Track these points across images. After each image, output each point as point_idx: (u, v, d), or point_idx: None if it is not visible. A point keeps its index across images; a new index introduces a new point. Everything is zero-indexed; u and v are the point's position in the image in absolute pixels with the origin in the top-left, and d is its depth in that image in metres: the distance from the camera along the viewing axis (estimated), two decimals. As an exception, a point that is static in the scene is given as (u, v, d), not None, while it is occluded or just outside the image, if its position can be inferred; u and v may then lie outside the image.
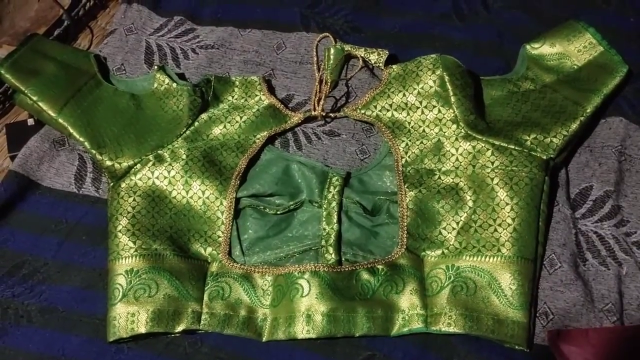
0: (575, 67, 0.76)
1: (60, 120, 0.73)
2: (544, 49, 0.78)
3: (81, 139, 0.72)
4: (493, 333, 0.59)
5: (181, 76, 0.83)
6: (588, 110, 0.70)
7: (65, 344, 0.64)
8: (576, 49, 0.77)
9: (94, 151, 0.71)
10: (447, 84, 0.71)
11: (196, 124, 0.75)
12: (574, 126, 0.68)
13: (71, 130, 0.72)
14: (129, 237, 0.66)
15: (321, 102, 0.77)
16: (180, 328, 0.63)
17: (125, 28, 0.89)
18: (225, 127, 0.76)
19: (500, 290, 0.60)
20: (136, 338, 0.63)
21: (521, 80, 0.76)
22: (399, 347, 0.61)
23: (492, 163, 0.66)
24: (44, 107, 0.73)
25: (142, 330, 0.62)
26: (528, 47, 0.78)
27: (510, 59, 0.80)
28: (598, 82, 0.73)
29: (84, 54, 0.84)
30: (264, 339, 0.63)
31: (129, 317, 0.62)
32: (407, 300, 0.62)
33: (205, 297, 0.65)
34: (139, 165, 0.71)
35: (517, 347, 0.60)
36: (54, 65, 0.78)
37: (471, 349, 0.60)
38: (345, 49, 0.81)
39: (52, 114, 0.73)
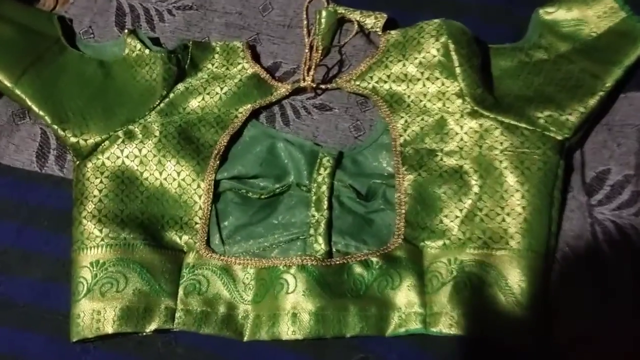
0: (594, 34, 0.68)
1: (18, 92, 0.65)
2: (559, 13, 0.70)
3: (41, 113, 0.64)
4: (500, 335, 0.53)
5: (156, 41, 0.75)
6: (608, 85, 0.63)
7: (26, 342, 0.59)
8: (595, 14, 0.69)
9: (55, 126, 0.64)
10: (452, 53, 0.63)
11: (171, 95, 0.67)
12: (593, 102, 0.61)
13: (30, 103, 0.65)
14: (94, 225, 0.59)
15: (311, 72, 0.70)
16: (151, 327, 0.57)
17: (94, -14, 0.80)
18: (203, 99, 0.68)
19: (508, 288, 0.54)
20: (104, 337, 0.57)
21: (533, 49, 0.68)
22: (394, 348, 0.56)
23: (501, 144, 0.59)
24: (-1, 76, 0.65)
25: (109, 330, 0.56)
26: (541, 11, 0.70)
27: (521, 26, 0.72)
28: (619, 52, 0.65)
29: (46, 15, 0.75)
30: (245, 339, 0.57)
31: (94, 315, 0.56)
32: (404, 297, 0.56)
33: (180, 292, 0.58)
34: (107, 143, 0.64)
35: (527, 350, 0.54)
36: (10, 28, 0.69)
37: (475, 352, 0.55)
38: (339, 11, 0.72)
39: (8, 84, 0.65)
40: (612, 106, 0.66)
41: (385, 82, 0.67)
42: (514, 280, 0.54)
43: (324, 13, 0.72)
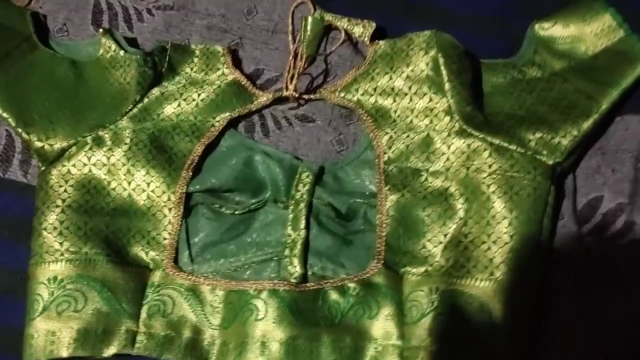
0: (590, 53, 0.65)
1: (-20, 91, 0.61)
2: (555, 29, 0.67)
3: (4, 115, 0.61)
4: (480, 372, 0.50)
5: (133, 42, 0.71)
6: (603, 107, 0.60)
7: (-24, 362, 0.55)
8: (592, 32, 0.66)
9: (20, 129, 0.60)
10: (442, 67, 0.60)
11: (145, 100, 0.64)
12: (587, 125, 0.58)
13: (-7, 104, 0.61)
14: (55, 237, 0.56)
15: (294, 80, 0.66)
16: (109, 352, 0.53)
17: (72, -19, 0.76)
18: (179, 105, 0.64)
19: (491, 320, 0.51)
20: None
21: (527, 66, 0.65)
22: (369, 382, 0.52)
23: (490, 166, 0.56)
24: (-39, 74, 0.61)
25: (64, 353, 0.52)
26: (537, 26, 0.67)
27: (515, 40, 0.69)
28: (616, 73, 0.62)
29: (18, 10, 0.71)
30: (211, 366, 0.54)
31: (49, 337, 0.52)
32: (381, 328, 0.53)
33: (143, 314, 0.55)
34: (74, 149, 0.60)
35: (509, 390, 0.51)
36: (-23, 22, 0.65)
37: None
38: (326, 18, 0.69)
39: (-30, 83, 0.61)
40: (607, 129, 0.63)
41: (371, 95, 0.63)
42: (498, 313, 0.51)
43: (309, 20, 0.69)
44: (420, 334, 0.52)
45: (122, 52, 0.65)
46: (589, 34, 0.66)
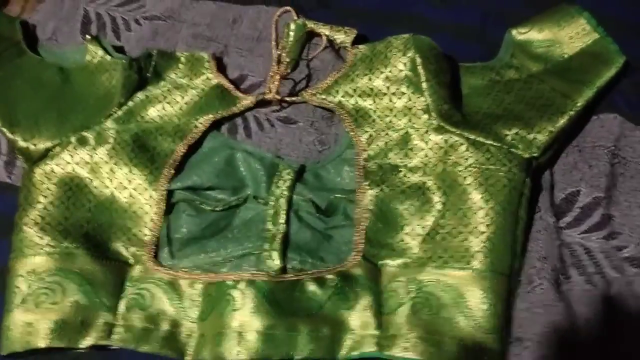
0: (566, 55, 0.66)
1: (-33, 91, 0.62)
2: (531, 34, 0.69)
3: (-11, 115, 0.62)
4: (458, 361, 0.50)
5: (120, 50, 0.73)
6: (579, 104, 0.61)
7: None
8: (567, 35, 0.67)
9: (4, 129, 0.62)
10: (419, 67, 0.61)
11: (130, 103, 0.65)
12: (562, 121, 0.59)
13: (-21, 103, 0.62)
14: (36, 232, 0.56)
15: (277, 84, 0.67)
16: (86, 343, 0.52)
17: (62, -7, 0.78)
18: (163, 107, 0.65)
19: (468, 310, 0.51)
20: (37, 352, 0.53)
21: (504, 69, 0.66)
22: (346, 373, 0.52)
23: (466, 160, 0.57)
24: (-53, 75, 0.63)
25: (40, 344, 0.52)
26: (514, 32, 0.69)
27: (493, 46, 0.70)
28: (591, 73, 0.64)
29: (8, 19, 0.73)
30: (187, 359, 0.53)
31: (26, 328, 0.52)
32: (359, 318, 0.53)
33: (122, 307, 0.54)
34: (58, 148, 0.61)
35: (485, 378, 0.51)
36: (-35, 28, 0.67)
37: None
38: (308, 25, 0.71)
39: (-44, 84, 0.62)
40: (583, 127, 0.64)
41: (352, 96, 0.65)
42: (475, 302, 0.51)
43: (292, 26, 0.70)
44: (397, 323, 0.51)
45: (108, 57, 0.67)
46: (564, 37, 0.67)
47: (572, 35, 0.67)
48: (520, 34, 0.69)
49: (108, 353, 0.54)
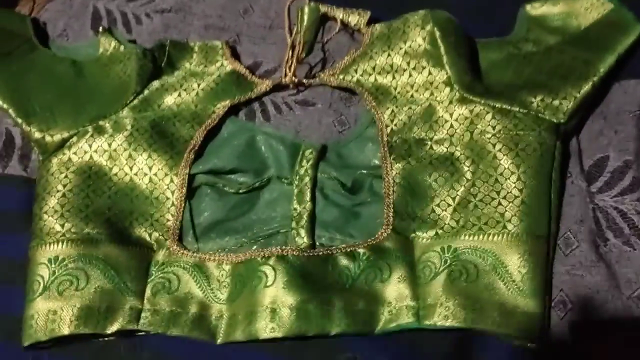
0: (582, 26, 0.66)
1: (-18, 84, 0.61)
2: (546, 8, 0.68)
3: (4, 106, 0.61)
4: (500, 327, 0.48)
5: (132, 43, 0.72)
6: (601, 70, 0.60)
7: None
8: (583, 7, 0.67)
9: (20, 120, 0.60)
10: (439, 40, 0.61)
11: (146, 92, 0.64)
12: (586, 87, 0.58)
13: (-6, 96, 0.61)
14: (56, 220, 0.54)
15: (293, 68, 0.67)
16: (113, 328, 0.51)
17: (70, -8, 0.78)
18: (179, 95, 0.65)
19: (507, 275, 0.49)
20: (60, 342, 0.51)
21: (521, 42, 0.65)
22: (385, 347, 0.50)
23: (493, 127, 0.56)
24: (-38, 68, 0.62)
25: (65, 331, 0.50)
26: (528, 7, 0.68)
27: (504, 25, 0.69)
28: (610, 40, 0.63)
29: (18, 16, 0.73)
30: (219, 341, 0.51)
31: (50, 316, 0.50)
32: (395, 290, 0.51)
33: (148, 291, 0.53)
34: (75, 138, 0.60)
35: (529, 344, 0.49)
36: (-22, 25, 0.67)
37: (474, 348, 0.49)
38: (321, 9, 0.70)
39: (-29, 77, 0.61)
40: (606, 96, 0.63)
41: (370, 74, 0.64)
42: (513, 266, 0.49)
43: (306, 9, 0.70)
44: (435, 292, 0.50)
45: (122, 47, 0.66)
46: (579, 9, 0.67)
47: (587, 7, 0.67)
48: (535, 8, 0.68)
49: (132, 341, 0.52)
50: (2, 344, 0.52)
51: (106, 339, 0.52)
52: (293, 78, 0.66)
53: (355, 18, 0.69)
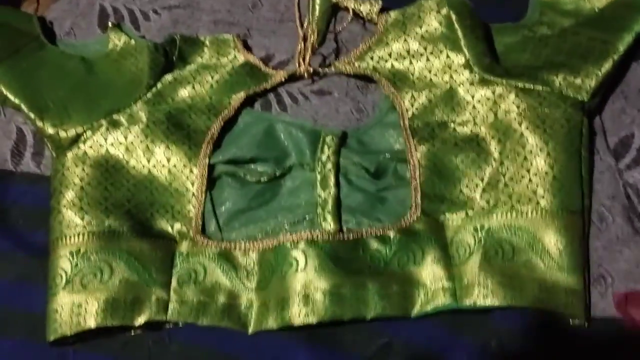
0: (596, 8, 0.65)
1: (-7, 81, 0.60)
2: (558, -8, 0.68)
3: (16, 101, 0.59)
4: (542, 303, 0.47)
5: (142, 39, 0.71)
6: (620, 49, 0.59)
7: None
8: (595, -11, 0.67)
9: (33, 115, 0.59)
10: (455, 24, 0.60)
11: (159, 85, 0.63)
12: (607, 65, 0.58)
13: (5, 92, 0.60)
14: (75, 213, 0.53)
15: (307, 58, 0.66)
16: (141, 319, 0.49)
17: (76, -9, 0.77)
18: (193, 87, 0.63)
19: (544, 251, 0.48)
20: (85, 337, 0.49)
21: (536, 26, 0.65)
22: (422, 330, 0.49)
23: (518, 107, 0.55)
24: (-28, 66, 0.60)
25: (92, 323, 0.48)
26: (540, -9, 0.68)
27: (519, 7, 0.70)
28: (627, 19, 0.63)
29: (26, 15, 0.72)
30: (251, 330, 0.50)
31: (75, 309, 0.49)
32: (429, 272, 0.50)
33: (174, 282, 0.51)
34: (89, 132, 0.58)
35: (572, 320, 0.48)
36: (-14, 24, 0.65)
37: (515, 327, 0.48)
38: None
39: (-19, 74, 0.60)
40: (625, 75, 0.63)
41: (387, 60, 0.63)
42: (550, 242, 0.49)
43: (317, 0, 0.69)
44: (472, 272, 0.49)
45: (132, 41, 0.65)
46: (592, -9, 0.67)
47: (600, -11, 0.67)
48: (547, -7, 0.68)
49: (160, 335, 0.51)
50: (23, 342, 0.50)
51: (132, 333, 0.50)
52: (308, 68, 0.65)
53: (367, 7, 0.68)
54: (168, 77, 0.64)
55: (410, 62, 0.62)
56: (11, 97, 0.59)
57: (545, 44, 0.62)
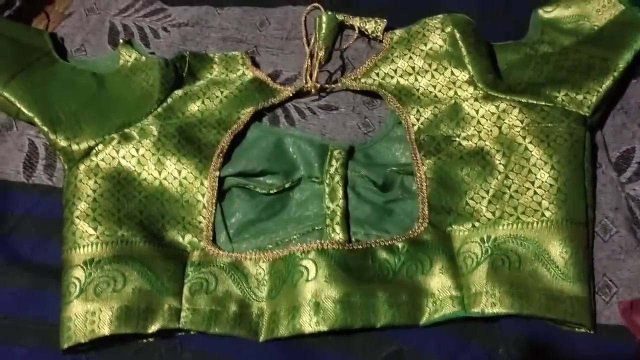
0: (596, 27, 0.68)
1: (6, 94, 0.61)
2: (558, 12, 0.70)
3: (30, 114, 0.60)
4: (548, 311, 0.48)
5: (152, 55, 0.72)
6: (620, 66, 0.61)
7: (8, 357, 0.50)
8: (594, 9, 0.69)
9: (46, 128, 0.60)
10: (459, 41, 0.62)
11: (169, 100, 0.64)
12: (608, 82, 0.60)
13: (19, 105, 0.61)
14: (88, 223, 0.54)
15: (314, 75, 0.67)
16: (154, 327, 0.50)
17: (86, 8, 0.78)
18: (203, 102, 0.65)
19: (550, 261, 0.49)
20: (98, 345, 0.50)
21: (537, 44, 0.67)
22: (431, 338, 0.50)
23: (522, 121, 0.57)
24: (-13, 80, 0.62)
25: (106, 331, 0.49)
26: (540, 11, 0.70)
27: (520, 26, 0.72)
28: (626, 37, 0.65)
29: (37, 31, 0.73)
30: (262, 339, 0.50)
31: (89, 317, 0.49)
32: (437, 281, 0.51)
33: (186, 291, 0.52)
34: (100, 146, 0.59)
35: (577, 328, 0.49)
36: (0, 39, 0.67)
37: (522, 335, 0.49)
38: (338, 17, 0.72)
39: (-4, 88, 0.61)
40: (625, 92, 0.64)
41: (392, 77, 0.65)
42: (555, 252, 0.50)
43: (324, 18, 0.71)
44: (479, 281, 0.50)
45: (143, 58, 0.67)
46: (591, 10, 0.69)
47: (599, 9, 0.69)
48: (547, 12, 0.70)
49: (172, 342, 0.51)
50: (37, 349, 0.51)
51: (145, 341, 0.51)
52: (316, 84, 0.66)
53: (372, 26, 0.70)
54: (178, 92, 0.65)
55: (416, 79, 0.64)
56: (25, 110, 0.60)
57: (547, 61, 0.64)
